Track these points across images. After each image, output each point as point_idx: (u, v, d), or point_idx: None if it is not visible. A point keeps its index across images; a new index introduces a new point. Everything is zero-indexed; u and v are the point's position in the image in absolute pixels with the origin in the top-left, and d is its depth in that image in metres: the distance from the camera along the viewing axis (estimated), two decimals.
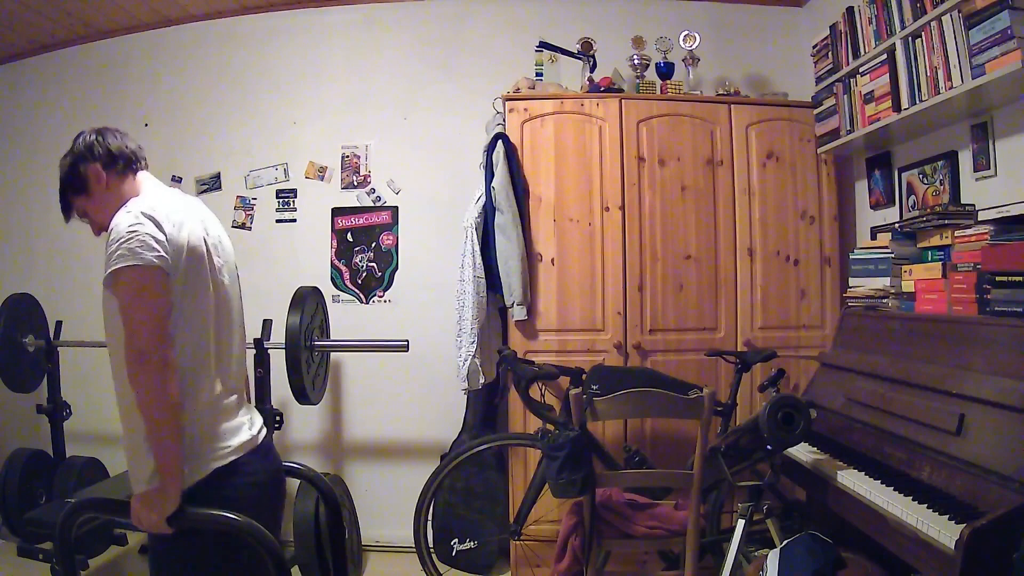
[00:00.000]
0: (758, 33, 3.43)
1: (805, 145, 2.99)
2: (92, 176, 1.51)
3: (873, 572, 1.92)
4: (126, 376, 1.34)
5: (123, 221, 1.37)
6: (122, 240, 1.34)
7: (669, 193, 2.94)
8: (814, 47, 2.91)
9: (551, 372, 2.62)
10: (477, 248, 2.89)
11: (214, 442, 1.44)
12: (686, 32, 3.12)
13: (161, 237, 1.37)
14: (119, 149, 1.54)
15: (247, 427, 1.55)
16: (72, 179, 1.52)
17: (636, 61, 3.12)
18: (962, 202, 2.32)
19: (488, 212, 2.87)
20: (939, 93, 2.15)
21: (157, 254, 1.35)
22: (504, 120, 2.96)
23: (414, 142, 3.45)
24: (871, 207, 2.93)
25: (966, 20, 1.99)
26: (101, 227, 1.50)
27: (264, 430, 1.62)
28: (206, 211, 1.59)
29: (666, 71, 3.14)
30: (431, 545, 2.90)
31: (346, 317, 3.36)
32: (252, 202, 3.50)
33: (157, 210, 1.40)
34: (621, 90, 3.04)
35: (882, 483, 1.77)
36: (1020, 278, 1.75)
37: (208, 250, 1.49)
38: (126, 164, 1.54)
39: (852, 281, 2.56)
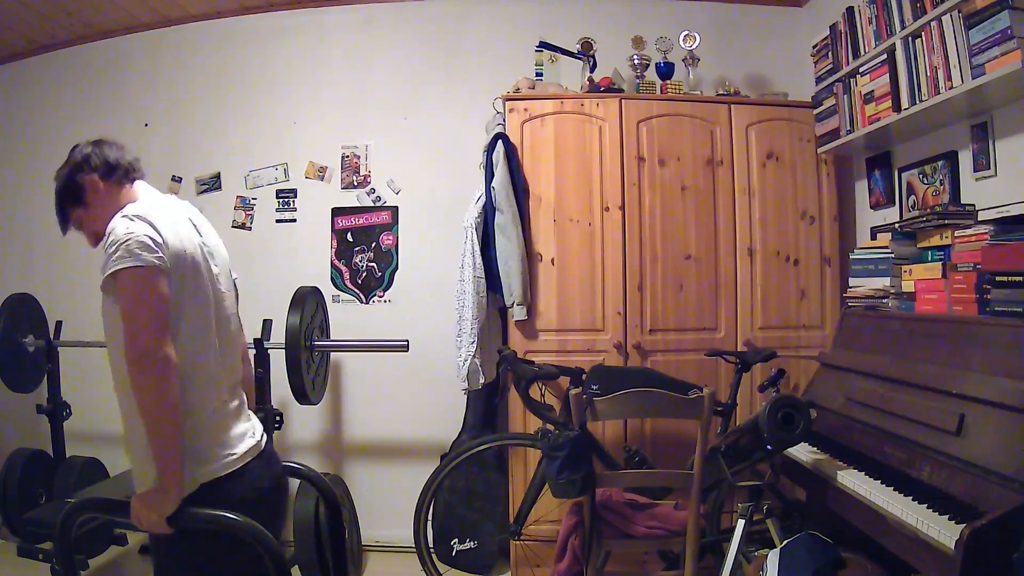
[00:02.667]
0: (758, 33, 3.43)
1: (805, 145, 2.98)
2: (89, 186, 1.50)
3: (873, 572, 1.92)
4: (127, 377, 1.34)
5: (120, 225, 1.37)
6: (120, 242, 1.34)
7: (669, 193, 2.94)
8: (814, 47, 2.91)
9: (551, 372, 2.62)
10: (477, 248, 2.89)
11: (220, 448, 1.45)
12: (686, 32, 3.12)
13: (159, 239, 1.37)
14: (116, 160, 1.53)
15: (250, 434, 1.55)
16: (69, 190, 1.51)
17: (636, 61, 3.12)
18: (962, 202, 2.32)
19: (488, 212, 2.87)
20: (939, 93, 2.15)
21: (156, 255, 1.35)
22: (504, 120, 2.96)
23: (414, 142, 3.45)
24: (871, 207, 2.93)
25: (966, 20, 1.99)
26: (98, 237, 1.48)
27: (265, 436, 1.62)
28: (199, 216, 1.59)
29: (666, 71, 3.14)
30: (431, 545, 2.90)
31: (346, 317, 3.35)
32: (252, 202, 3.49)
33: (153, 216, 1.40)
34: (621, 90, 3.03)
35: (882, 483, 1.78)
36: (1020, 278, 1.75)
37: (204, 256, 1.49)
38: (123, 174, 1.53)
39: (852, 281, 2.56)
